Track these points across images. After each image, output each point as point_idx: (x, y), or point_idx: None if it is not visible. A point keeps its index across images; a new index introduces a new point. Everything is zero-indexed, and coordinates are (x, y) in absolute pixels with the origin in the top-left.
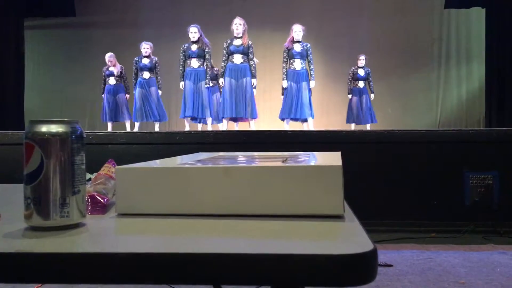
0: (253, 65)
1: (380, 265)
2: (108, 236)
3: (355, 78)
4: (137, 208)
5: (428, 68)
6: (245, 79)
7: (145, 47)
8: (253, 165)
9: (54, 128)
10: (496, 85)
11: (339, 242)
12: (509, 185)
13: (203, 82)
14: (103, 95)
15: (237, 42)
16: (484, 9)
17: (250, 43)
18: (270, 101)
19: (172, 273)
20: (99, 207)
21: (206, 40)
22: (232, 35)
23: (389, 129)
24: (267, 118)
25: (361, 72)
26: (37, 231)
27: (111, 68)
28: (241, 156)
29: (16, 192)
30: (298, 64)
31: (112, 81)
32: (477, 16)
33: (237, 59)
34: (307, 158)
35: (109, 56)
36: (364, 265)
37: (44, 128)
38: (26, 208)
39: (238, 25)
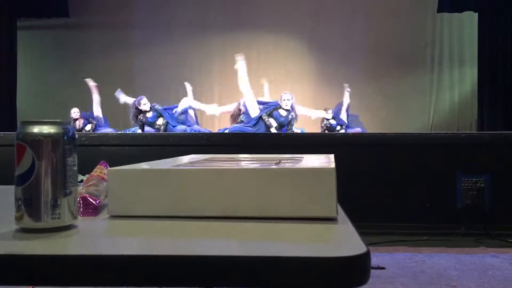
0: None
1: (373, 268)
2: (100, 238)
3: (331, 129)
4: (129, 210)
5: (421, 72)
6: None
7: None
8: (247, 167)
9: (46, 129)
10: (488, 89)
11: (332, 245)
12: (501, 188)
13: None
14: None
15: (283, 113)
16: (477, 13)
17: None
18: None
19: (164, 276)
20: (91, 209)
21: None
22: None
23: (382, 132)
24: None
25: (333, 121)
26: (28, 232)
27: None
28: (234, 158)
29: (7, 194)
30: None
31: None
32: (470, 20)
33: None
34: (300, 160)
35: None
36: (357, 267)
37: (35, 129)
38: (17, 210)
39: (286, 101)
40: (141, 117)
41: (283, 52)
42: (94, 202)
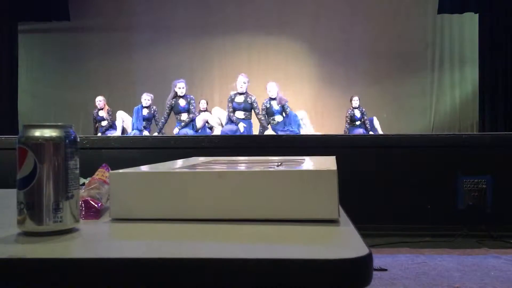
0: (262, 119)
1: (375, 270)
2: (102, 241)
3: (353, 119)
4: (131, 213)
5: (422, 73)
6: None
7: (146, 98)
8: (248, 169)
9: (48, 133)
10: (489, 90)
11: (334, 247)
12: (502, 189)
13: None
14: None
15: (239, 99)
16: (477, 14)
17: (254, 98)
18: None
19: (166, 279)
20: (93, 212)
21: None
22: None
23: (383, 133)
24: None
25: (357, 113)
26: (30, 236)
27: (100, 113)
28: (235, 161)
29: (9, 197)
30: (279, 118)
31: (104, 123)
32: (470, 21)
33: (239, 115)
34: (302, 162)
35: (98, 100)
36: (359, 269)
37: (37, 133)
38: (19, 213)
39: (242, 83)
40: (172, 101)
41: (284, 53)
42: (96, 205)
